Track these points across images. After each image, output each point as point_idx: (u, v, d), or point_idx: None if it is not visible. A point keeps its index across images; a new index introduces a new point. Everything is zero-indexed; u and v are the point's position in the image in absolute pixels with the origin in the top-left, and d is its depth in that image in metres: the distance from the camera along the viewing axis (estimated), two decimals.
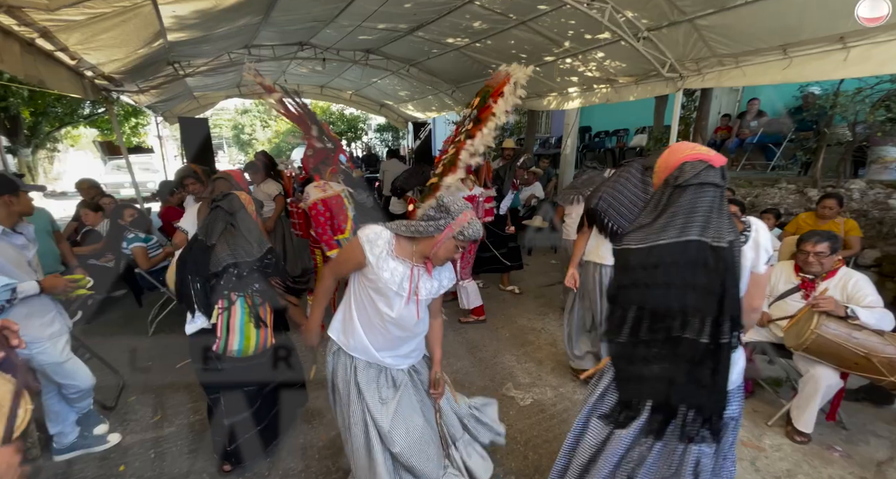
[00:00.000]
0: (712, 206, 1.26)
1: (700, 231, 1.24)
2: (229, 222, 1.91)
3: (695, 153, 1.31)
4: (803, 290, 2.46)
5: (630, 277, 1.32)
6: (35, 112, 11.42)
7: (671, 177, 1.32)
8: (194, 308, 1.83)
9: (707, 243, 1.23)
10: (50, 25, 2.84)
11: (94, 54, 3.67)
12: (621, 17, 3.74)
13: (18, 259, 1.90)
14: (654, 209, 1.37)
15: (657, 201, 1.37)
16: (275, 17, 4.55)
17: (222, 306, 1.81)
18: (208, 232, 1.89)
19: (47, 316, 1.96)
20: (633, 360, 1.34)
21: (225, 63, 5.98)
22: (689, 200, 1.28)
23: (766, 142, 6.58)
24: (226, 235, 1.88)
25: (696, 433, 1.29)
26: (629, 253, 1.34)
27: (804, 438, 2.30)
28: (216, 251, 1.84)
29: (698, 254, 1.23)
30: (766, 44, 3.42)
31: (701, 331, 1.23)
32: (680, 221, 1.27)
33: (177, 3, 3.08)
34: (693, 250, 1.23)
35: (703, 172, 1.27)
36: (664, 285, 1.25)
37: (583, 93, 5.67)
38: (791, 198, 5.26)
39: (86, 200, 4.31)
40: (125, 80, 4.89)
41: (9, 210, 1.91)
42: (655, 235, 1.30)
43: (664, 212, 1.33)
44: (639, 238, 1.33)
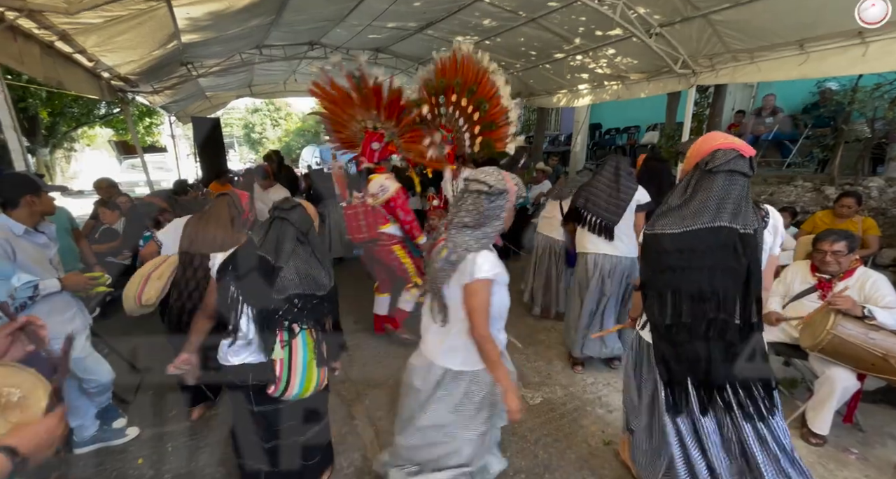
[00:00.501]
0: (741, 194, 1.35)
1: (731, 218, 1.33)
2: (301, 242, 1.59)
3: (728, 142, 1.38)
4: (820, 290, 2.42)
5: (665, 261, 1.38)
6: (53, 112, 11.69)
7: (702, 162, 1.40)
8: (236, 336, 1.52)
9: (737, 229, 1.32)
10: (69, 28, 2.91)
11: (110, 56, 3.75)
12: (633, 13, 3.70)
13: (40, 257, 1.96)
14: (683, 192, 1.45)
15: (686, 184, 1.45)
16: (286, 18, 4.59)
17: (283, 340, 1.51)
18: (277, 251, 1.55)
19: (68, 313, 2.02)
20: (675, 342, 1.40)
21: (236, 63, 6.06)
22: (721, 186, 1.36)
23: (781, 138, 6.45)
24: (295, 258, 1.56)
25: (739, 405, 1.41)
26: (663, 238, 1.40)
27: (820, 440, 2.26)
28: (283, 275, 1.52)
29: (729, 240, 1.32)
30: (783, 39, 3.36)
31: (734, 312, 1.34)
32: (713, 206, 1.35)
33: (191, 5, 3.13)
34: (724, 235, 1.32)
35: (734, 160, 1.35)
36: (699, 268, 1.31)
37: (593, 90, 5.62)
38: (807, 196, 5.16)
39: (103, 198, 4.41)
40: (140, 81, 4.99)
41: (31, 210, 1.97)
42: (690, 221, 1.37)
43: (694, 196, 1.40)
44: (671, 223, 1.40)
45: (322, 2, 4.36)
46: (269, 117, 26.22)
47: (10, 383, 0.86)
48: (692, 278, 1.32)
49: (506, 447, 2.25)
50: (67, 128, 13.14)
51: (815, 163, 6.00)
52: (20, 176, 2.10)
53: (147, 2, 2.78)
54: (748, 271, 1.32)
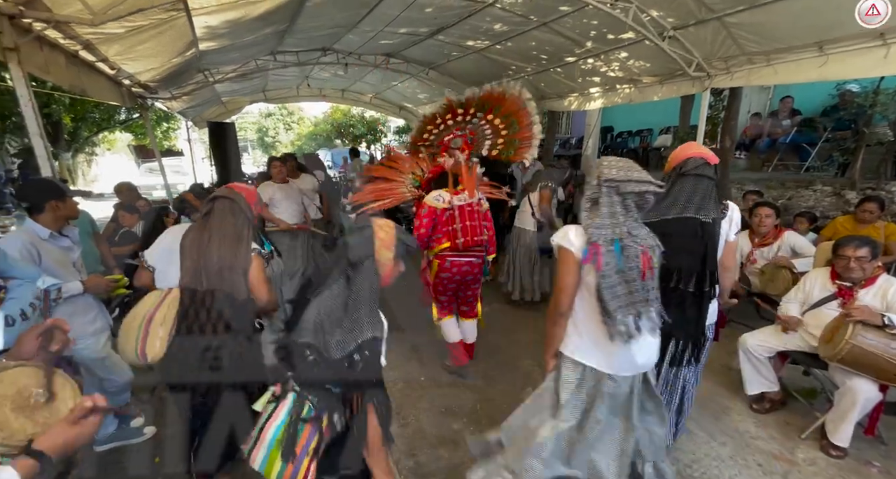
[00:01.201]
0: (706, 193, 1.76)
1: (695, 210, 1.74)
2: (347, 277, 1.21)
3: (698, 152, 1.80)
4: (840, 298, 2.35)
5: None
6: (75, 118, 12.07)
7: (678, 167, 1.82)
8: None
9: (699, 219, 1.73)
10: (93, 38, 3.02)
11: (131, 64, 3.87)
12: (646, 16, 3.67)
13: (64, 260, 2.02)
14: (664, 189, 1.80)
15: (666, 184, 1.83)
16: (300, 24, 4.67)
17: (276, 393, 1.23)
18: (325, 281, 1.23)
19: (90, 314, 2.08)
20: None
21: (252, 69, 6.18)
22: (691, 186, 1.78)
23: (799, 142, 6.31)
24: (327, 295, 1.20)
25: (687, 357, 1.86)
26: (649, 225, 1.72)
27: (840, 452, 2.20)
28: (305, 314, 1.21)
29: (692, 227, 1.73)
30: (801, 41, 3.29)
31: (689, 283, 1.76)
32: (682, 201, 1.77)
33: (209, 14, 3.21)
34: (690, 224, 1.72)
35: (701, 166, 1.78)
36: (668, 249, 1.57)
37: (605, 93, 5.58)
38: (827, 200, 5.03)
39: (122, 202, 4.53)
40: (159, 87, 5.12)
41: (56, 215, 2.03)
42: (664, 211, 1.77)
43: (669, 193, 1.80)
44: (649, 215, 1.71)
45: (335, 9, 4.42)
46: (281, 121, 26.63)
47: (38, 384, 0.89)
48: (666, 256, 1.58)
49: None
50: (89, 133, 13.56)
51: (834, 167, 5.85)
52: (45, 182, 2.17)
53: (167, 12, 2.86)
54: (705, 251, 1.74)
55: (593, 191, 1.51)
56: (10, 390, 0.87)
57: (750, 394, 2.59)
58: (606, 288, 1.43)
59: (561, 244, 1.51)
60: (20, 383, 0.88)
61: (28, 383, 0.89)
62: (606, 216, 1.47)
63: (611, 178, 1.46)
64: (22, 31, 2.36)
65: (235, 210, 1.66)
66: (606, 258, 1.43)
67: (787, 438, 2.37)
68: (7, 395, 0.86)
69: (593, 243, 1.45)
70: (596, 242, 1.44)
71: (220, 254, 1.59)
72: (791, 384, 2.74)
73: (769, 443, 2.33)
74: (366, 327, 1.17)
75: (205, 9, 3.10)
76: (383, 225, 1.27)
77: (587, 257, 1.45)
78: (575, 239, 1.49)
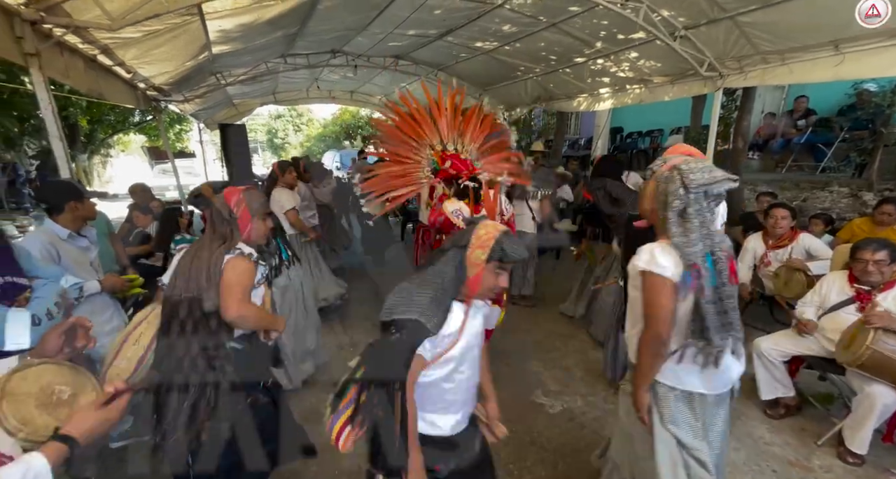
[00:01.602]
0: None
1: None
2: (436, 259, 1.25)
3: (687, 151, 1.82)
4: (858, 302, 2.31)
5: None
6: (91, 120, 12.35)
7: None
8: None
9: None
10: (110, 43, 3.08)
11: (147, 68, 3.94)
12: (657, 16, 3.64)
13: (82, 260, 2.08)
14: None
15: None
16: (310, 27, 4.72)
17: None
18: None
19: (107, 313, 2.13)
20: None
21: (262, 72, 6.26)
22: None
23: (814, 142, 6.20)
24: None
25: None
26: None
27: (857, 460, 2.15)
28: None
29: None
30: (816, 40, 3.24)
31: None
32: None
33: (222, 18, 3.26)
34: None
35: None
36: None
37: (615, 94, 5.54)
38: (843, 202, 4.93)
39: (137, 203, 4.62)
40: (173, 90, 5.21)
41: (74, 215, 2.08)
42: None
43: None
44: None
45: (345, 11, 4.46)
46: (291, 123, 26.92)
47: (61, 381, 0.92)
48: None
49: (525, 456, 2.23)
50: (104, 135, 13.86)
51: (851, 167, 5.73)
52: (64, 183, 2.23)
53: (182, 16, 2.91)
54: None
55: (680, 201, 1.30)
56: (35, 388, 0.89)
57: (764, 399, 2.55)
58: (708, 311, 1.30)
59: (650, 270, 1.32)
60: (44, 380, 0.91)
61: (51, 380, 0.92)
62: (698, 228, 1.30)
63: (701, 183, 1.28)
64: (43, 36, 2.42)
65: (214, 213, 1.55)
66: (706, 279, 1.30)
67: (802, 444, 2.33)
68: (31, 392, 0.88)
69: (693, 265, 1.28)
70: (695, 263, 1.28)
71: (194, 256, 1.47)
72: (807, 389, 2.69)
73: (784, 449, 2.29)
74: (415, 309, 1.11)
75: (218, 13, 3.15)
76: (489, 223, 1.21)
77: (691, 283, 1.30)
78: (666, 262, 1.30)
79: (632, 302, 1.49)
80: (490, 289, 1.18)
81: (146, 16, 2.48)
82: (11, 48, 2.23)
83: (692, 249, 1.29)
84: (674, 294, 1.31)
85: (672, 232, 1.31)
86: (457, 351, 1.19)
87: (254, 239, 1.59)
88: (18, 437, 0.83)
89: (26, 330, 1.16)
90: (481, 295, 1.20)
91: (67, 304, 1.55)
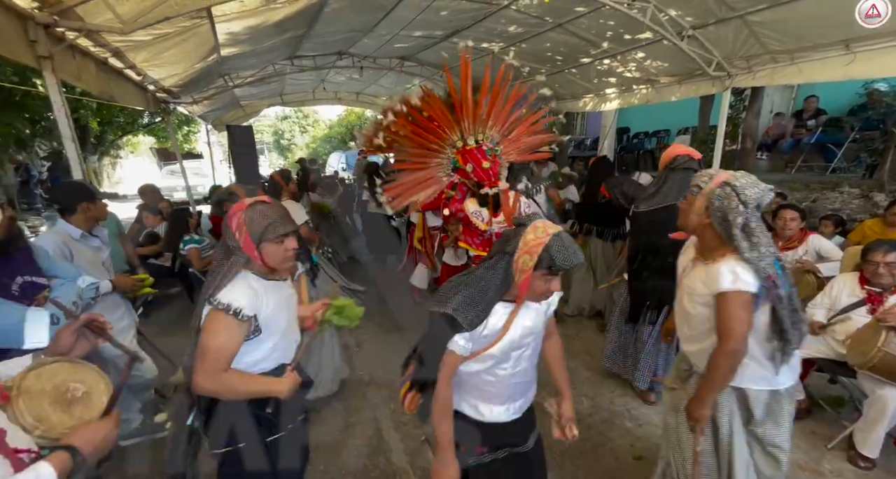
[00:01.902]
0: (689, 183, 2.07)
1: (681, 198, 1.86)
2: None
3: (685, 151, 2.34)
4: (869, 304, 2.27)
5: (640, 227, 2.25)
6: (101, 122, 12.50)
7: (668, 163, 2.37)
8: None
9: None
10: (121, 46, 3.13)
11: (157, 70, 3.99)
12: (664, 16, 3.62)
13: (94, 260, 2.11)
14: (657, 183, 2.46)
15: (659, 178, 2.46)
16: (317, 29, 4.75)
17: None
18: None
19: (118, 312, 2.16)
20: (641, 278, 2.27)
21: (269, 74, 6.31)
22: (680, 178, 2.30)
23: (824, 142, 6.12)
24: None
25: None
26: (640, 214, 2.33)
27: (869, 464, 2.12)
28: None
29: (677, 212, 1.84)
30: (826, 39, 3.21)
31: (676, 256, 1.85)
32: (671, 192, 2.30)
33: (231, 21, 3.30)
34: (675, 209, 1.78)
35: (688, 161, 2.33)
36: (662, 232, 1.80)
37: (621, 94, 5.52)
38: (854, 203, 4.86)
39: (147, 203, 4.68)
40: (182, 92, 5.27)
41: (87, 216, 2.11)
42: (659, 200, 2.35)
43: (662, 186, 2.38)
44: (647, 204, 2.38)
45: (352, 13, 4.48)
46: (297, 124, 27.07)
47: (75, 378, 0.93)
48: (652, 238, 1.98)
49: None
50: (114, 136, 14.03)
51: (862, 168, 5.65)
52: (77, 184, 2.26)
53: (192, 19, 2.95)
54: None
55: (742, 217, 1.32)
56: (49, 385, 0.91)
57: None
58: (784, 314, 1.35)
59: (738, 289, 1.32)
60: (58, 378, 0.93)
61: (66, 378, 0.93)
62: (764, 237, 1.34)
63: (755, 198, 1.32)
64: (56, 39, 2.46)
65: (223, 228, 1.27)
66: (781, 287, 1.34)
67: (813, 448, 2.30)
68: (46, 390, 0.90)
69: (769, 276, 1.32)
70: (770, 275, 1.32)
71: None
72: (817, 393, 2.66)
73: (794, 453, 2.26)
74: (451, 304, 1.14)
75: (227, 16, 3.18)
76: (540, 226, 1.14)
77: (769, 294, 1.33)
78: (748, 278, 1.32)
79: (694, 319, 1.51)
80: (541, 294, 1.17)
81: (157, 19, 2.51)
82: (25, 51, 2.27)
83: (765, 261, 1.32)
84: (751, 307, 1.35)
85: (741, 248, 1.33)
86: (496, 350, 1.21)
87: (272, 264, 1.25)
88: (34, 434, 0.84)
89: (45, 329, 1.18)
90: (532, 299, 1.20)
91: (83, 304, 1.58)
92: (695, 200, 1.42)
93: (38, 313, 1.20)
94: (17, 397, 0.85)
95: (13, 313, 1.21)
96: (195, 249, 3.87)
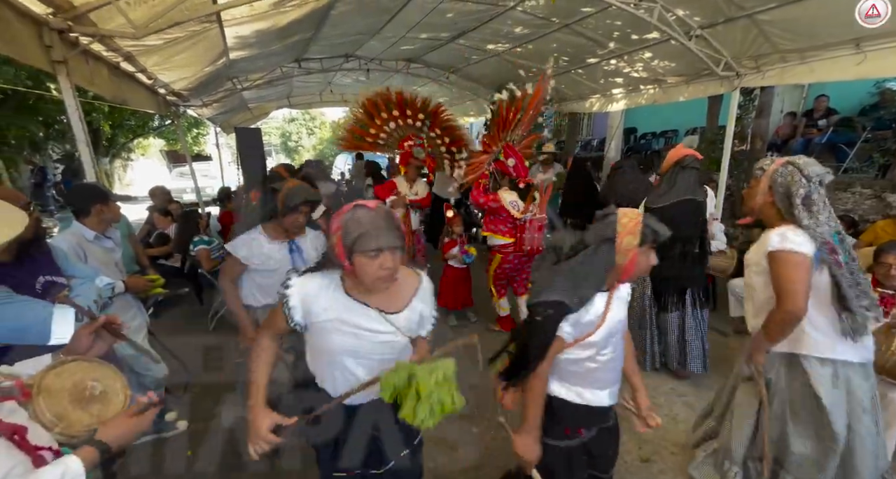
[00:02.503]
0: (696, 180, 2.71)
1: (692, 194, 2.63)
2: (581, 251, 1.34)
3: (689, 151, 2.66)
4: (882, 307, 2.24)
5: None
6: (113, 125, 12.72)
7: (678, 162, 2.66)
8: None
9: (696, 199, 2.64)
10: (133, 50, 3.18)
11: (167, 74, 4.05)
12: (671, 15, 3.60)
13: (108, 261, 2.15)
14: (668, 181, 2.70)
15: (669, 175, 2.70)
16: (324, 32, 4.80)
17: None
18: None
19: (130, 312, 2.20)
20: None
21: (277, 76, 6.37)
22: (689, 175, 2.65)
23: (836, 142, 6.04)
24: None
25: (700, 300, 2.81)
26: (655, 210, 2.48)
27: None
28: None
29: (693, 206, 2.61)
30: (837, 38, 3.17)
31: (693, 246, 2.68)
32: (684, 187, 2.62)
33: (240, 24, 3.34)
34: (691, 204, 2.59)
35: (694, 161, 2.67)
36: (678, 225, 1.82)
37: (628, 94, 5.49)
38: (866, 203, 4.79)
39: (156, 205, 4.75)
40: (191, 95, 5.34)
41: (100, 217, 2.15)
42: (673, 196, 2.62)
43: (675, 183, 2.65)
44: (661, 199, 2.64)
45: (358, 16, 4.51)
46: (304, 126, 27.30)
47: (92, 378, 0.96)
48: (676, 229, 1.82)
49: None
50: (125, 139, 14.26)
51: (874, 168, 5.56)
52: (91, 186, 2.31)
53: (202, 24, 2.99)
54: (701, 221, 2.71)
55: (804, 189, 1.44)
56: (68, 384, 0.93)
57: None
58: (843, 282, 1.43)
59: (783, 248, 1.43)
60: (77, 376, 0.95)
61: (84, 376, 0.95)
62: (825, 211, 1.45)
63: (817, 173, 1.45)
64: (70, 45, 2.50)
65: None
66: (842, 255, 1.43)
67: None
68: (65, 388, 0.92)
69: (827, 242, 1.42)
70: (829, 240, 1.42)
71: None
72: None
73: None
74: (558, 292, 1.22)
75: (236, 20, 3.22)
76: (628, 212, 1.26)
77: (829, 258, 1.43)
78: (799, 239, 1.43)
79: (755, 292, 1.60)
80: (645, 269, 1.28)
81: (168, 24, 2.55)
82: (40, 56, 2.32)
83: (822, 229, 1.42)
84: (809, 269, 1.42)
85: (800, 217, 1.44)
86: (597, 337, 1.29)
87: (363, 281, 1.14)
88: (54, 432, 0.87)
89: (71, 326, 1.20)
90: (638, 275, 1.29)
91: (103, 302, 1.61)
92: (759, 182, 1.53)
93: (65, 310, 1.23)
94: (37, 396, 0.88)
95: (40, 310, 1.24)
96: (205, 250, 3.91)
